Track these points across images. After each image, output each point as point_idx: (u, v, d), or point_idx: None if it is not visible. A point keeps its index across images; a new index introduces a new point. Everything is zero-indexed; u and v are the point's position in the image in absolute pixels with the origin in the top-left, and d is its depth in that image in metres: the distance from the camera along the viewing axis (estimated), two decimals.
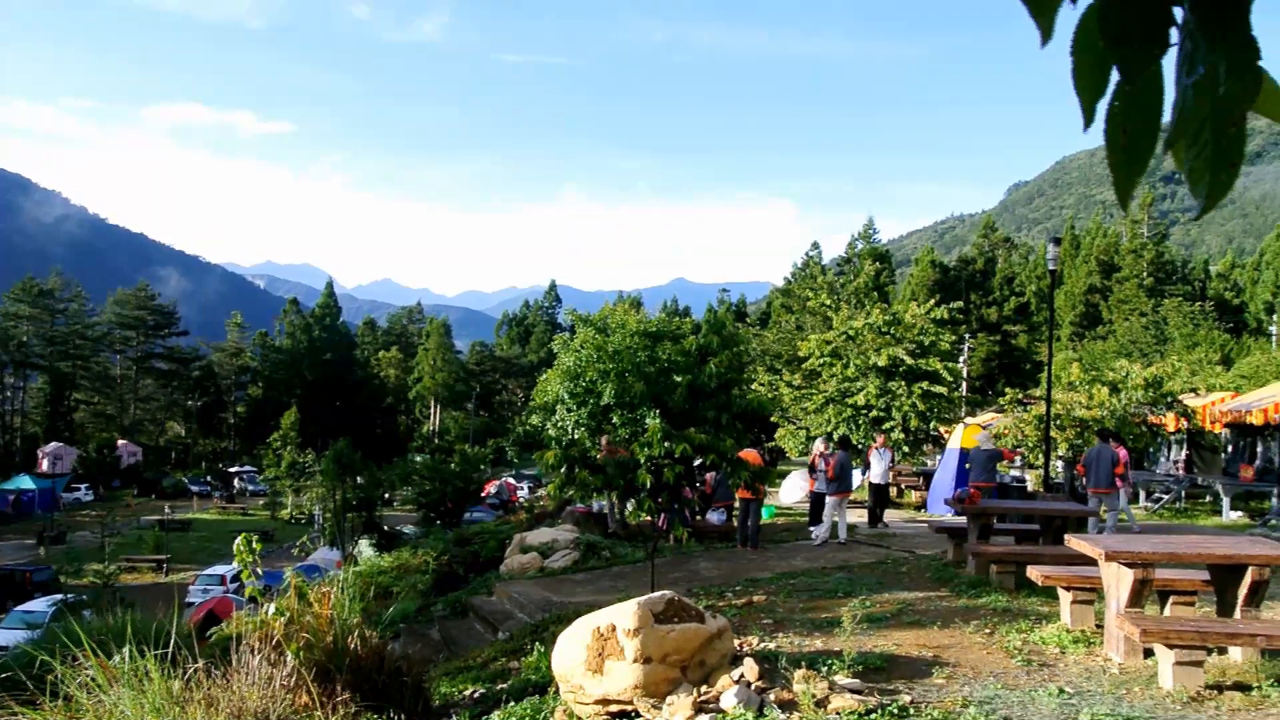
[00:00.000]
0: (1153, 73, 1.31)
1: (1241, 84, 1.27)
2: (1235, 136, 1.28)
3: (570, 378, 17.28)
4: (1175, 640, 7.10)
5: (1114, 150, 1.35)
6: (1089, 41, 1.33)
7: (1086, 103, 1.35)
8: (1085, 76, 1.33)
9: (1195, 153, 1.29)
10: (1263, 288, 64.54)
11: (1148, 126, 1.32)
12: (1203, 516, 21.55)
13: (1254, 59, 1.26)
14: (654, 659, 6.75)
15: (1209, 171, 1.30)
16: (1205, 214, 1.37)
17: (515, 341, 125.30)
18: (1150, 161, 1.34)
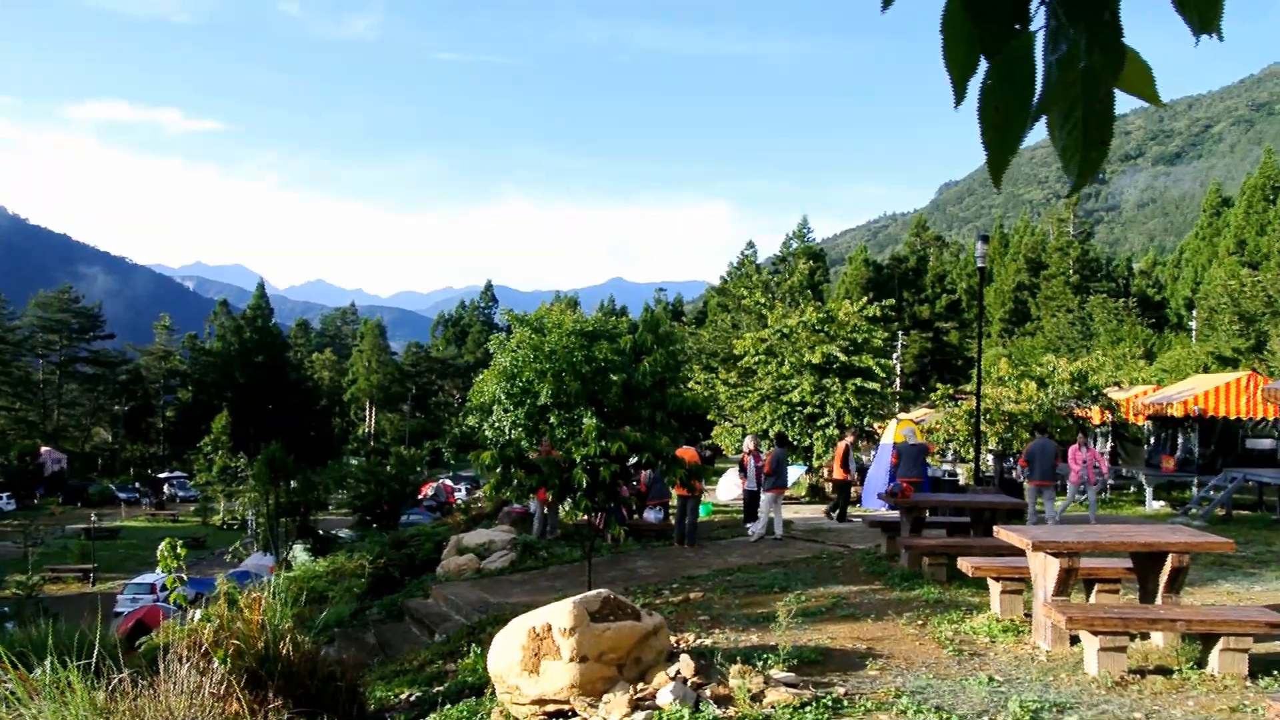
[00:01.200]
0: (1025, 50, 1.33)
1: (1105, 60, 1.30)
2: (1103, 114, 1.31)
3: (507, 378, 17.19)
4: (1100, 627, 7.27)
5: (987, 127, 1.36)
6: (958, 19, 1.35)
7: (957, 80, 1.37)
8: (955, 54, 1.35)
9: (1067, 131, 1.32)
10: (1183, 284, 66.43)
11: (1020, 104, 1.34)
12: (1127, 507, 22.11)
13: (1116, 36, 1.29)
14: (590, 658, 6.74)
15: (1080, 149, 1.33)
16: (1077, 190, 1.40)
17: (451, 342, 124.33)
18: (1024, 138, 1.36)
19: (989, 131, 1.36)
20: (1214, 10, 1.34)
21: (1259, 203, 58.10)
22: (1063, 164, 1.34)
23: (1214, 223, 66.19)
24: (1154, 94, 1.45)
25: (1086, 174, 1.35)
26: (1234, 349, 38.97)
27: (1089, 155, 1.32)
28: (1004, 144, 1.35)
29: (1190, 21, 1.33)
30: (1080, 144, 1.32)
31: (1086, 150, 1.32)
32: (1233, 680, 7.09)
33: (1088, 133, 1.32)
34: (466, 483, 65.22)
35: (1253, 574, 11.77)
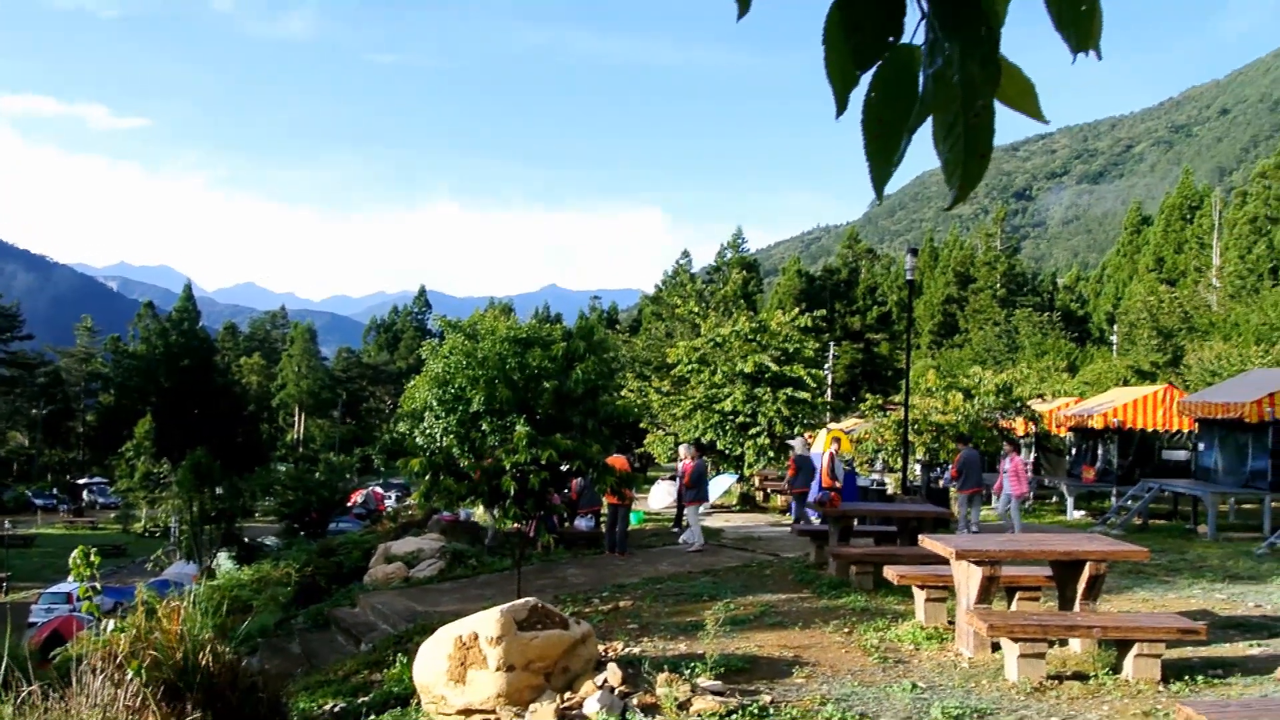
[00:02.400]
0: (906, 63, 1.36)
1: (983, 74, 1.33)
2: (983, 128, 1.34)
3: (439, 384, 16.99)
4: (1019, 634, 7.42)
5: (870, 139, 1.38)
6: (835, 32, 1.37)
7: (839, 92, 1.38)
8: (835, 66, 1.37)
9: (949, 144, 1.35)
10: (1104, 299, 68.27)
11: (901, 117, 1.36)
12: (1049, 516, 22.62)
13: (993, 50, 1.32)
14: (517, 666, 6.71)
15: (961, 162, 1.35)
16: (957, 204, 1.43)
17: (384, 348, 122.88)
18: (905, 150, 1.39)
19: (871, 143, 1.38)
20: (1089, 30, 1.37)
21: (1176, 222, 59.95)
22: (945, 176, 1.37)
23: (1134, 240, 68.18)
24: (1037, 110, 1.48)
25: (968, 187, 1.38)
26: (1152, 363, 40.11)
27: (970, 168, 1.35)
28: (886, 156, 1.37)
29: (1068, 40, 1.37)
30: (961, 157, 1.35)
31: (968, 163, 1.35)
32: (1146, 685, 7.27)
33: (969, 146, 1.35)
34: (397, 490, 64.45)
35: (1167, 581, 12.10)
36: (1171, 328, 43.03)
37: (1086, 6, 1.36)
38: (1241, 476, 17.87)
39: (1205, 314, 45.21)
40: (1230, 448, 18.23)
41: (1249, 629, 9.32)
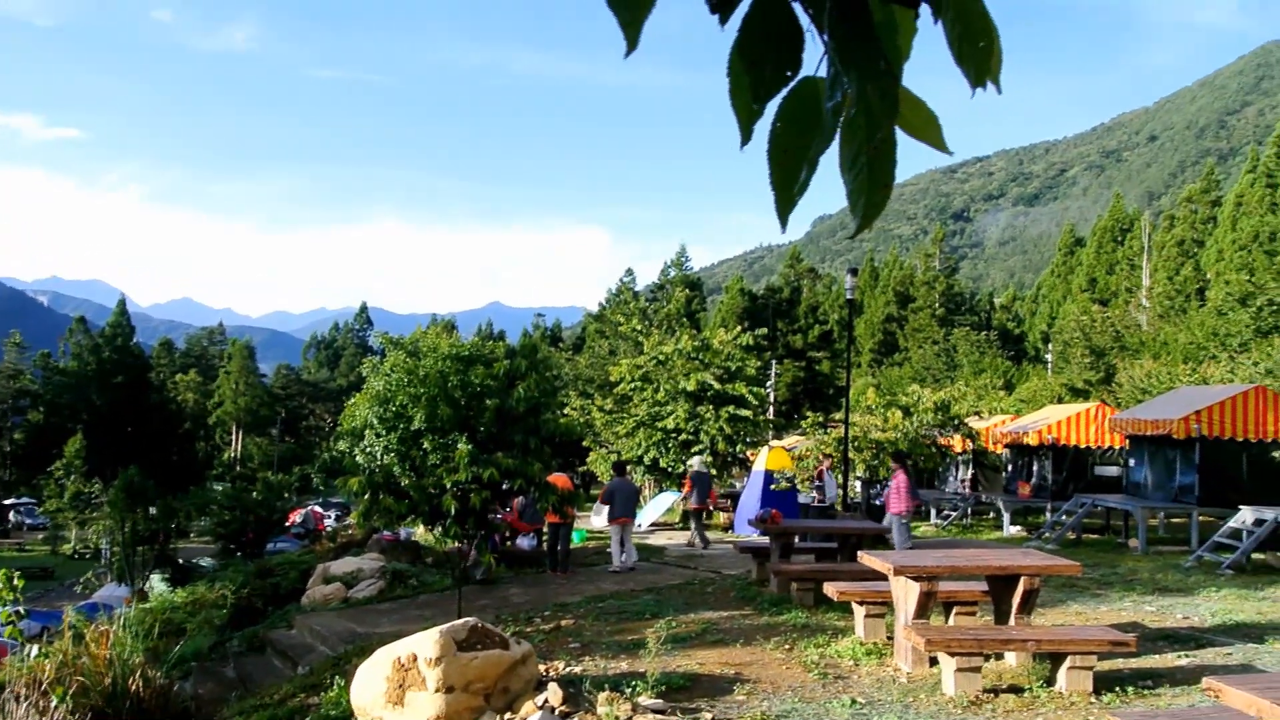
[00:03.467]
0: (809, 95, 1.39)
1: (882, 107, 1.37)
2: (885, 158, 1.38)
3: (380, 402, 16.80)
4: (956, 648, 7.52)
5: (775, 169, 1.41)
6: (737, 65, 1.39)
7: (743, 122, 1.41)
8: (739, 97, 1.39)
9: (854, 175, 1.39)
10: (1040, 318, 69.65)
11: (805, 147, 1.39)
12: (986, 531, 22.96)
13: (892, 84, 1.36)
14: (456, 687, 6.64)
15: (865, 192, 1.39)
16: (861, 231, 1.47)
17: (324, 365, 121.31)
18: (810, 180, 1.42)
19: (776, 173, 1.40)
20: (987, 65, 1.42)
21: (1108, 244, 61.41)
22: (849, 205, 1.40)
23: (1068, 261, 69.71)
24: (940, 141, 1.53)
25: (871, 216, 1.41)
26: (1085, 381, 40.94)
27: (873, 198, 1.39)
28: (790, 185, 1.40)
29: (967, 74, 1.41)
30: (865, 187, 1.38)
31: (870, 193, 1.38)
32: (1079, 697, 7.41)
33: (872, 176, 1.38)
34: (337, 509, 63.50)
35: (1099, 595, 12.34)
36: (1103, 346, 43.99)
37: (984, 43, 1.41)
38: (1170, 491, 18.31)
39: (1136, 333, 46.31)
40: (1159, 463, 18.68)
41: (1177, 640, 9.55)
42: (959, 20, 1.38)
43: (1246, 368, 27.28)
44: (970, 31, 1.38)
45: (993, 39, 1.40)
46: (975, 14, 1.38)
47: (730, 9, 1.33)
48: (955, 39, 1.40)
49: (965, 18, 1.38)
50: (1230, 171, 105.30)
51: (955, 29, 1.39)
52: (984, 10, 1.38)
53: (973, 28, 1.38)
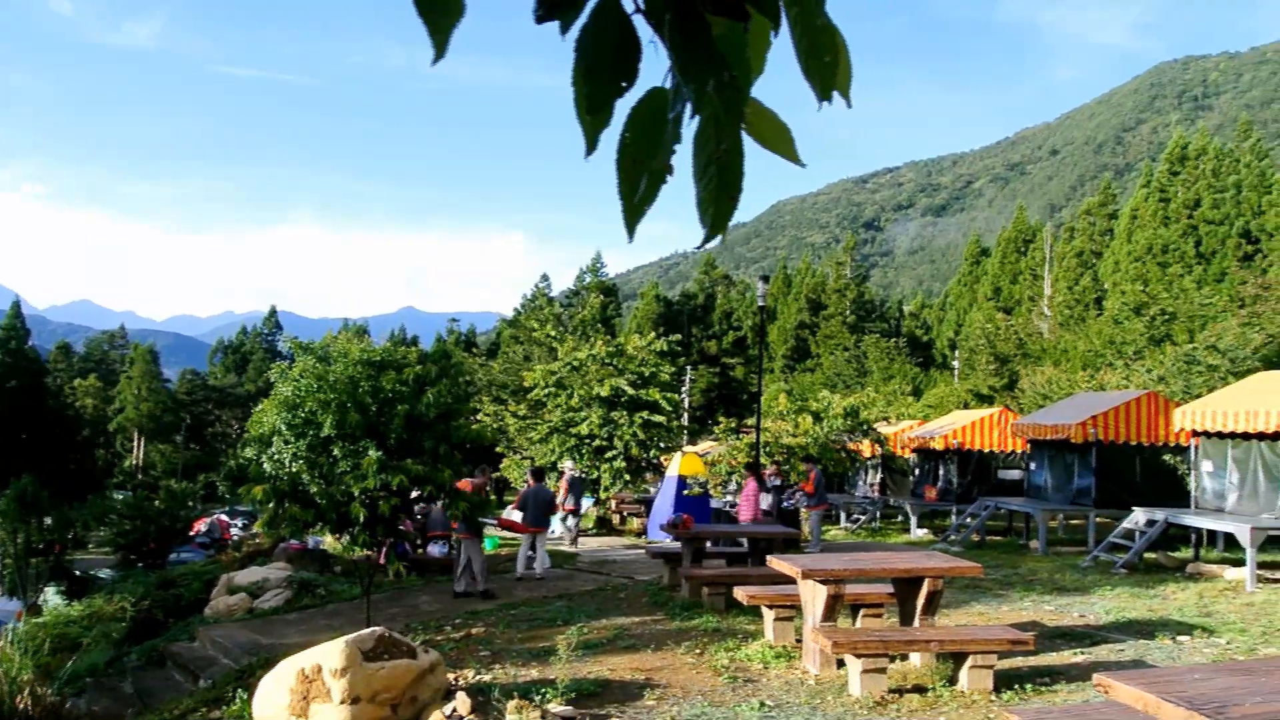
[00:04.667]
0: (657, 106, 1.41)
1: (724, 118, 1.40)
2: (731, 169, 1.41)
3: (288, 408, 16.47)
4: (862, 650, 7.66)
5: (624, 180, 1.42)
6: (579, 75, 1.40)
7: (589, 132, 1.42)
8: (583, 107, 1.40)
9: (704, 185, 1.41)
10: (947, 326, 71.31)
11: (652, 158, 1.40)
12: (895, 534, 23.43)
13: (735, 95, 1.39)
14: (363, 698, 6.54)
15: (713, 202, 1.42)
16: (708, 241, 1.49)
17: (231, 370, 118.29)
18: (659, 191, 1.44)
19: (624, 184, 1.41)
20: (832, 80, 1.46)
21: (1012, 254, 63.18)
22: (699, 214, 1.42)
23: (974, 270, 71.48)
24: (793, 153, 1.56)
25: (718, 226, 1.43)
26: (990, 387, 42.05)
27: (721, 208, 1.41)
28: (639, 196, 1.41)
29: (813, 88, 1.45)
30: (714, 197, 1.41)
31: (719, 203, 1.41)
32: (980, 695, 7.60)
33: (719, 186, 1.41)
34: (244, 518, 61.94)
35: (1001, 595, 12.68)
36: (1007, 353, 45.21)
37: (829, 58, 1.44)
38: (1069, 494, 18.91)
39: (1037, 341, 47.70)
40: (1059, 467, 19.28)
41: (1074, 638, 9.86)
42: (805, 35, 1.41)
43: (1141, 374, 28.30)
44: (816, 46, 1.42)
45: (838, 53, 1.44)
46: (821, 29, 1.41)
47: (571, 18, 1.34)
48: (802, 53, 1.43)
49: (811, 33, 1.41)
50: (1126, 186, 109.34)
51: (802, 44, 1.42)
52: (829, 26, 1.42)
53: (818, 43, 1.42)
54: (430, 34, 1.32)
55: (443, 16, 1.32)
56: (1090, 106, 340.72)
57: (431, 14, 1.32)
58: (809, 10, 1.40)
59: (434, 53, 1.34)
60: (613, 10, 1.35)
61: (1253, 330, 26.94)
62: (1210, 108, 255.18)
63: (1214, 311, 34.47)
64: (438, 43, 1.33)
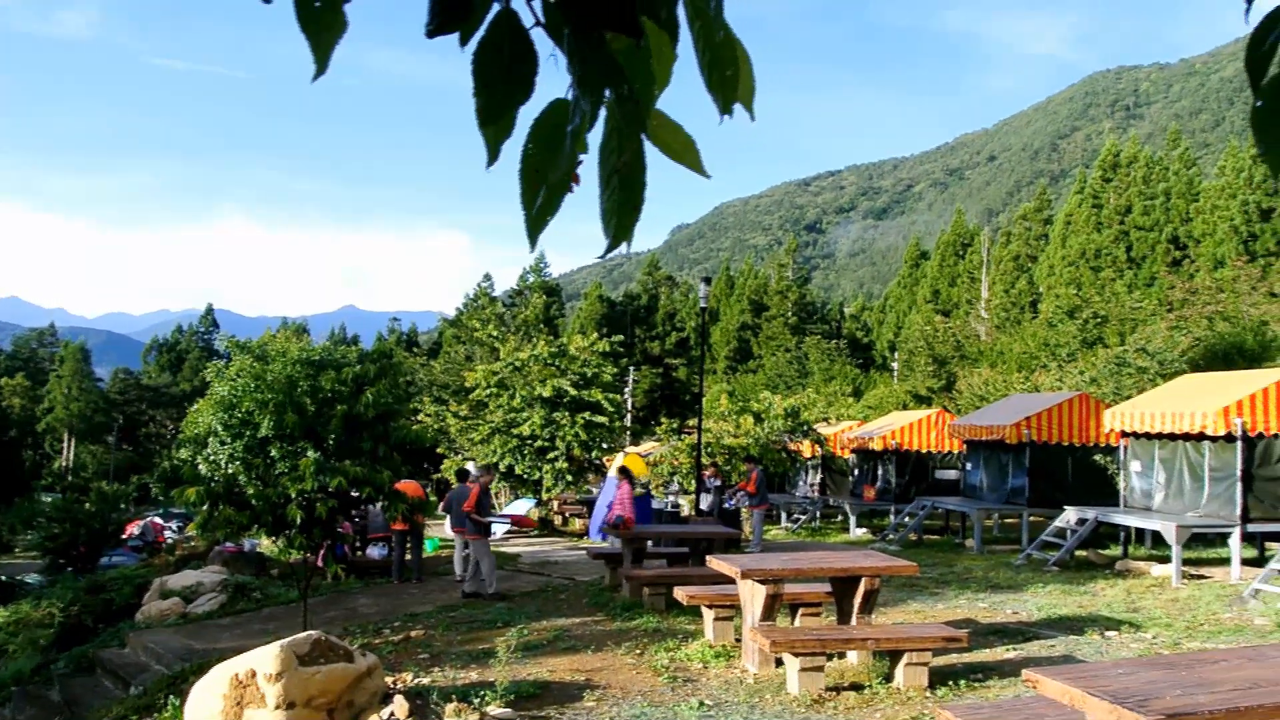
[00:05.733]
0: (558, 118, 1.43)
1: (624, 130, 1.43)
2: (634, 181, 1.44)
3: (225, 408, 16.21)
4: (800, 649, 7.74)
5: (526, 190, 1.44)
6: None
7: (490, 142, 1.43)
8: (482, 117, 1.42)
9: (607, 196, 1.44)
10: (887, 328, 72.16)
11: (554, 169, 1.42)
12: (834, 533, 23.69)
13: (634, 109, 1.42)
14: (298, 703, 6.46)
15: (616, 213, 1.45)
16: (610, 250, 1.52)
17: (165, 369, 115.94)
18: (561, 201, 1.46)
19: (527, 193, 1.43)
20: (733, 93, 1.50)
21: (950, 258, 64.16)
22: (602, 225, 1.45)
23: (913, 273, 72.44)
24: (699, 165, 1.59)
25: (621, 237, 1.46)
26: (928, 388, 42.65)
27: (623, 219, 1.44)
28: (544, 208, 1.43)
29: (715, 101, 1.49)
30: (616, 208, 1.44)
31: (621, 214, 1.44)
32: (915, 692, 7.72)
33: (623, 197, 1.43)
34: (179, 520, 60.78)
35: (936, 593, 12.89)
36: (945, 355, 45.89)
37: (730, 72, 1.47)
38: (1003, 493, 19.26)
39: (975, 343, 48.50)
40: (994, 467, 19.63)
41: (1006, 634, 10.06)
42: (706, 50, 1.45)
43: (1074, 376, 28.90)
44: (718, 60, 1.45)
45: (739, 67, 1.47)
46: (722, 44, 1.45)
47: (470, 31, 1.35)
48: (704, 67, 1.46)
49: (712, 47, 1.44)
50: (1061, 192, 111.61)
51: (704, 58, 1.45)
52: (731, 40, 1.46)
53: (720, 57, 1.45)
54: (312, 49, 1.32)
55: (325, 32, 1.33)
56: (1027, 114, 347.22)
57: (314, 29, 1.32)
58: (710, 26, 1.44)
59: (315, 68, 1.34)
60: (510, 24, 1.37)
61: (1180, 334, 27.66)
62: (1141, 117, 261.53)
63: (1144, 315, 35.33)
64: (319, 58, 1.33)
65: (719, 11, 1.43)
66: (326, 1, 1.32)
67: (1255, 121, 1.46)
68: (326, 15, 1.32)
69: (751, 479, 18.93)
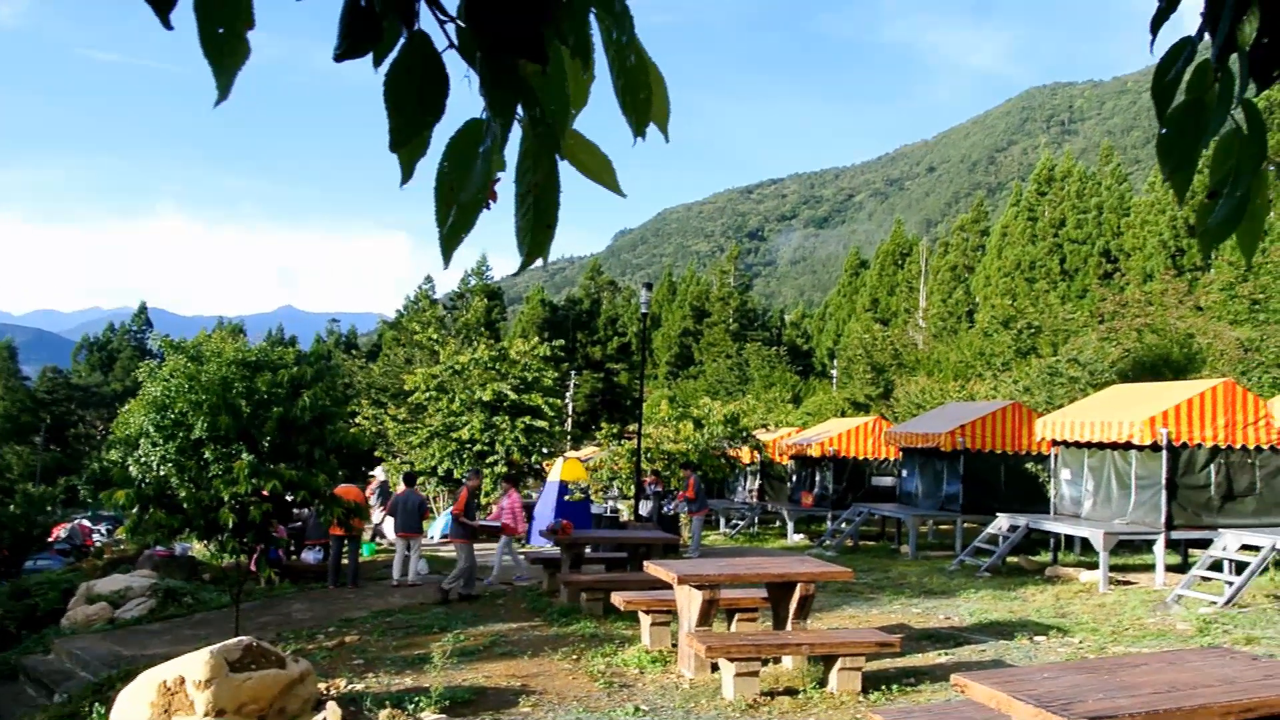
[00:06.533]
0: (473, 138, 1.46)
1: (536, 151, 1.47)
2: (545, 202, 1.48)
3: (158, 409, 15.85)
4: (735, 654, 7.80)
5: (441, 208, 1.47)
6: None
7: (405, 161, 1.47)
8: (394, 137, 1.45)
9: (522, 214, 1.48)
10: (826, 335, 72.93)
11: (468, 187, 1.46)
12: (772, 539, 23.86)
13: (547, 131, 1.46)
14: (228, 711, 6.36)
15: (530, 231, 1.48)
16: (524, 268, 1.56)
17: (97, 368, 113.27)
18: (475, 221, 1.49)
19: (442, 210, 1.46)
20: (646, 115, 1.54)
21: (889, 267, 65.03)
22: (517, 241, 1.48)
23: (853, 282, 73.30)
24: (614, 184, 1.63)
25: (534, 254, 1.50)
26: (866, 395, 43.18)
27: (537, 237, 1.48)
28: (454, 224, 1.46)
29: (629, 122, 1.54)
30: (530, 226, 1.47)
31: (535, 232, 1.47)
32: (848, 696, 7.82)
33: (537, 215, 1.47)
34: (108, 523, 59.38)
35: (871, 598, 13.05)
36: (883, 363, 46.49)
37: (644, 95, 1.52)
38: (938, 500, 19.57)
39: (912, 351, 49.19)
40: (929, 474, 19.94)
41: (939, 639, 10.23)
42: (620, 74, 1.49)
43: (1008, 385, 29.46)
44: (631, 84, 1.50)
45: (652, 91, 1.51)
46: (634, 68, 1.49)
47: (383, 54, 1.38)
48: (619, 90, 1.51)
49: (626, 72, 1.49)
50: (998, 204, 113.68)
51: (618, 82, 1.50)
52: (644, 65, 1.50)
53: (634, 81, 1.50)
54: (215, 75, 1.33)
55: (228, 57, 1.33)
56: (966, 126, 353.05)
57: (217, 56, 1.32)
58: (622, 51, 1.48)
59: (217, 94, 1.34)
60: (422, 47, 1.39)
61: (1110, 345, 28.35)
62: (1076, 132, 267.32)
63: (1076, 326, 36.15)
64: (221, 85, 1.34)
65: (631, 37, 1.48)
66: (230, 29, 1.32)
67: (1160, 148, 1.53)
68: (231, 42, 1.33)
69: (689, 485, 19.02)
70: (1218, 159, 1.54)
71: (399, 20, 1.38)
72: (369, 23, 1.37)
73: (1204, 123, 1.48)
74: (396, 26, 1.38)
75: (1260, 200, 1.52)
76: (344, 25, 1.36)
